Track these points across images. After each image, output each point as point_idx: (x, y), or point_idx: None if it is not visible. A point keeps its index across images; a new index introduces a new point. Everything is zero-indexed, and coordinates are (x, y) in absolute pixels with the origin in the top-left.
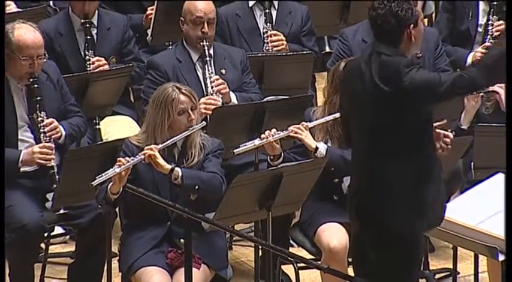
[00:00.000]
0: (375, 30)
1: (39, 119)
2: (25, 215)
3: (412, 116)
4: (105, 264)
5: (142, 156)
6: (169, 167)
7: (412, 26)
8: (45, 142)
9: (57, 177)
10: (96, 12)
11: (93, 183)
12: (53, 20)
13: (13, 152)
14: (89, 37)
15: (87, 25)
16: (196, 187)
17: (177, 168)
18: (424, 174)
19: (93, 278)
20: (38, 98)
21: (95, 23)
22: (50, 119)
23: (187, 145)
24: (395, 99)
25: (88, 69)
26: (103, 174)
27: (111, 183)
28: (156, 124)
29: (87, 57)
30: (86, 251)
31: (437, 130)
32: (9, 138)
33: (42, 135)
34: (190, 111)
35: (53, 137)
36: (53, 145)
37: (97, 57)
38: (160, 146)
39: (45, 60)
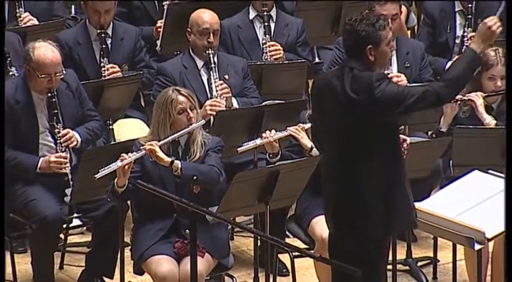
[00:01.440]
0: (343, 46)
1: (56, 130)
2: (46, 208)
3: (382, 125)
4: (119, 253)
5: (144, 152)
6: (169, 159)
7: (370, 47)
8: (61, 152)
9: (71, 182)
10: (111, 23)
11: (96, 176)
12: (72, 31)
13: (32, 158)
14: (104, 46)
15: (103, 35)
16: (194, 177)
17: (177, 161)
18: (393, 179)
19: (108, 265)
20: (55, 111)
21: (110, 34)
22: (66, 130)
23: (189, 143)
24: (366, 110)
25: (103, 75)
26: (105, 167)
27: (116, 178)
28: (159, 124)
29: (102, 64)
30: (101, 241)
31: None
32: (30, 143)
33: (58, 145)
34: (189, 110)
35: (68, 146)
36: (68, 155)
37: (111, 65)
38: (161, 142)
39: (61, 77)
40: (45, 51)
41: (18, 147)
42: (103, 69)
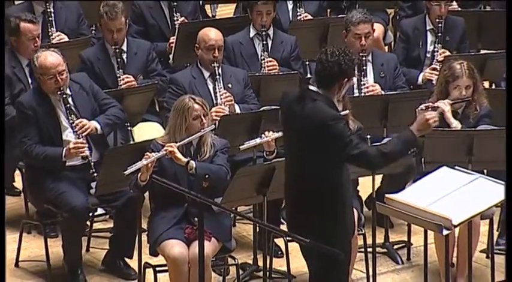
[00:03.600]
0: (316, 75)
1: (71, 121)
2: (74, 199)
3: (329, 153)
4: (137, 237)
5: (164, 152)
6: (185, 160)
7: (346, 79)
8: (77, 138)
9: (92, 165)
10: (126, 40)
11: (125, 172)
12: (92, 49)
13: (57, 150)
14: (119, 60)
15: (117, 50)
16: (207, 176)
17: (192, 161)
18: (340, 192)
19: (128, 247)
20: (68, 105)
21: (125, 49)
22: (79, 119)
23: (200, 144)
24: (317, 140)
25: (119, 85)
26: (133, 165)
27: (140, 173)
28: (176, 127)
29: (118, 75)
30: (121, 227)
31: None
32: (53, 139)
33: (75, 133)
34: (202, 117)
35: (83, 133)
36: (85, 140)
37: (126, 75)
38: (178, 143)
39: (67, 75)
40: (45, 56)
41: (45, 144)
42: (119, 79)
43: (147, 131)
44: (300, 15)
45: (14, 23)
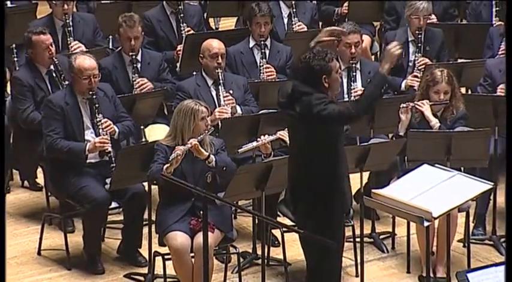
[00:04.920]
0: (300, 78)
1: (97, 119)
2: (95, 192)
3: (323, 132)
4: (148, 228)
5: (189, 146)
6: (206, 153)
7: (325, 76)
8: (103, 135)
9: (113, 159)
10: (140, 51)
11: (166, 170)
12: (110, 58)
13: (80, 144)
14: (135, 65)
15: (134, 57)
16: (224, 168)
17: (211, 155)
18: (336, 171)
19: (135, 238)
20: (97, 105)
21: (139, 59)
22: (105, 119)
23: (201, 143)
24: (309, 122)
25: (134, 88)
26: (171, 158)
27: (166, 166)
28: (183, 127)
29: (134, 79)
30: (129, 218)
31: None
32: (77, 137)
33: (100, 130)
34: (207, 118)
35: (108, 131)
36: (109, 137)
37: (140, 78)
38: (198, 138)
39: (98, 79)
40: (83, 58)
41: (68, 139)
42: (134, 83)
43: (156, 132)
44: (295, 24)
45: (27, 37)
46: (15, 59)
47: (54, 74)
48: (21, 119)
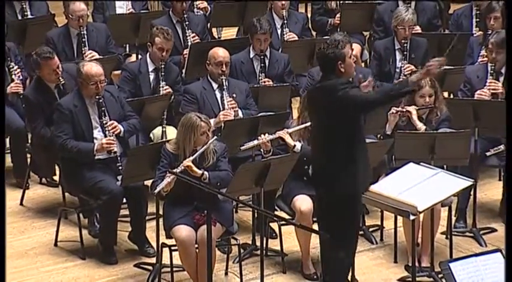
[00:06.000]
0: (320, 68)
1: (104, 121)
2: (111, 185)
3: (346, 117)
4: (154, 222)
5: (183, 167)
6: (200, 172)
7: (340, 62)
8: (109, 136)
9: (119, 158)
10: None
11: (155, 191)
12: (136, 63)
13: (89, 144)
14: (161, 74)
15: (162, 66)
16: (218, 184)
17: (205, 172)
18: (357, 154)
19: (138, 230)
20: (103, 108)
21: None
22: (111, 121)
23: (205, 152)
24: (336, 108)
25: (160, 91)
26: (161, 183)
27: (163, 187)
28: (185, 141)
29: (161, 85)
30: (131, 213)
31: None
32: (86, 136)
33: (107, 132)
34: (207, 132)
35: (114, 132)
36: (115, 138)
37: (167, 86)
38: (191, 158)
39: (104, 84)
40: (91, 66)
41: (78, 140)
42: (161, 88)
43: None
44: (286, 33)
45: (35, 60)
46: None
47: (61, 88)
48: (33, 134)
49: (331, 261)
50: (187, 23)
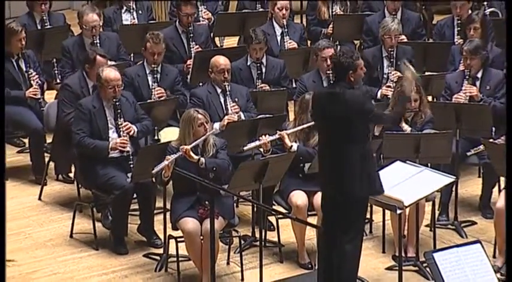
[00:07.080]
0: (333, 73)
1: (119, 122)
2: (123, 181)
3: (362, 124)
4: (161, 215)
5: (180, 152)
6: (197, 157)
7: (351, 72)
8: (123, 136)
9: (131, 157)
10: (161, 64)
11: (153, 171)
12: (134, 67)
13: (104, 143)
14: (155, 76)
15: (156, 69)
16: (214, 168)
17: (202, 158)
18: (366, 157)
19: (145, 222)
20: (119, 111)
21: (159, 70)
22: (126, 122)
23: (205, 144)
24: (353, 115)
25: (153, 94)
26: (157, 165)
27: (164, 171)
28: (185, 134)
29: (153, 87)
30: (140, 207)
31: None
32: (102, 135)
33: (121, 132)
34: (205, 123)
35: (129, 133)
36: (128, 139)
37: (158, 88)
38: (190, 145)
39: (121, 88)
40: (110, 71)
41: (94, 138)
42: (153, 91)
43: (170, 134)
44: (286, 41)
45: (92, 55)
46: (55, 71)
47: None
48: (63, 121)
49: (341, 256)
50: (191, 35)
